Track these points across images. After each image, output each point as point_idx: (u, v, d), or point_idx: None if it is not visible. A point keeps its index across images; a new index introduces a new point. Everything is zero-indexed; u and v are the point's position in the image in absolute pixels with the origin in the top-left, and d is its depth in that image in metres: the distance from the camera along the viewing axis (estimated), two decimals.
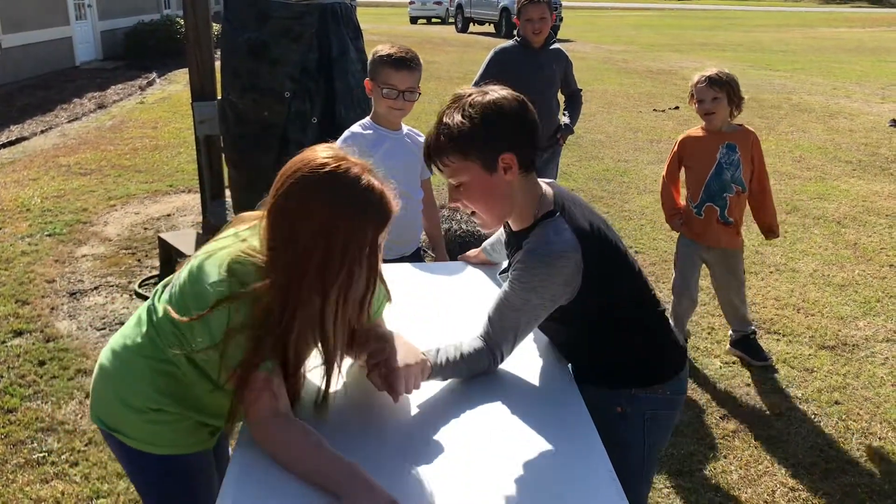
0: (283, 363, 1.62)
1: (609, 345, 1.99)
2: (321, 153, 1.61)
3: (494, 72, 4.44)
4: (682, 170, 4.04)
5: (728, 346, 4.24)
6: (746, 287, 4.86)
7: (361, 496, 1.46)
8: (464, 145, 1.77)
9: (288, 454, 1.58)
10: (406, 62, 2.91)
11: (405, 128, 3.15)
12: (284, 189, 1.58)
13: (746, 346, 4.16)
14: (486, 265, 2.66)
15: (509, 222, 1.95)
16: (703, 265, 4.14)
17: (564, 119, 4.80)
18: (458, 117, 1.77)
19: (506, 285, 1.88)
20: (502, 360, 1.93)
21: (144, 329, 1.79)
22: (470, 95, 1.81)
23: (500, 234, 2.44)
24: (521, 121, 1.80)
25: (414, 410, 1.79)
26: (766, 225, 3.98)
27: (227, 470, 1.57)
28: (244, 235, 1.68)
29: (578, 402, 1.82)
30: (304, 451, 1.56)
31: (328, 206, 1.54)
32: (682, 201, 4.09)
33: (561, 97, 4.87)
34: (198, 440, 1.86)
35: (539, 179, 1.93)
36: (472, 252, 2.71)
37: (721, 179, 3.85)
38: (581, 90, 4.95)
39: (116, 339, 1.87)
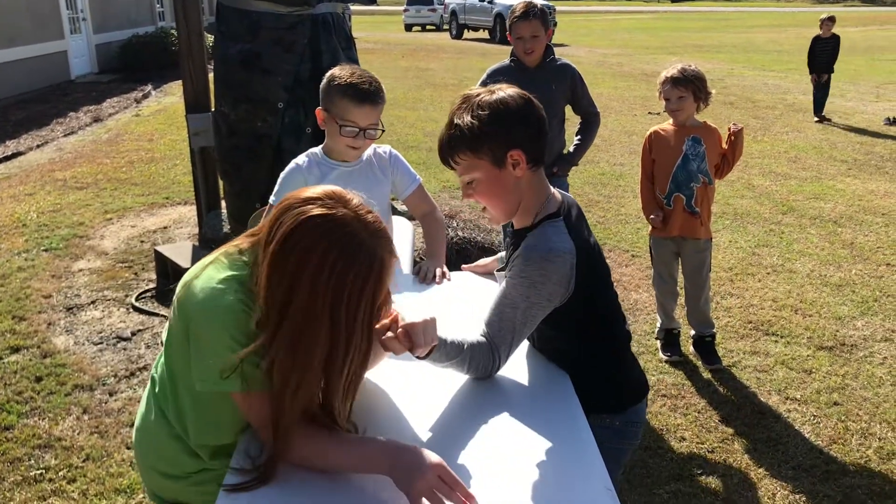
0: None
1: (568, 362, 2.00)
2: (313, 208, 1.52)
3: None
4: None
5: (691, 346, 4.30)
6: (744, 289, 4.85)
7: (410, 462, 1.46)
8: (474, 143, 1.85)
9: (316, 448, 1.56)
10: (370, 95, 2.51)
11: (368, 150, 2.77)
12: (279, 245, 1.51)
13: (702, 349, 4.20)
14: (492, 275, 2.64)
15: (513, 220, 2.00)
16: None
17: (571, 146, 4.32)
18: (467, 117, 1.85)
19: (503, 283, 1.91)
20: (501, 365, 1.93)
21: (152, 401, 1.81)
22: (478, 95, 1.87)
23: None
24: (528, 117, 1.87)
25: (410, 419, 1.78)
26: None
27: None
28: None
29: (580, 416, 1.81)
30: (331, 441, 1.55)
31: (326, 262, 1.48)
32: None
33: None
34: None
35: (553, 189, 1.99)
36: (483, 261, 2.69)
37: (687, 170, 3.93)
38: (597, 112, 4.33)
39: (137, 418, 1.90)
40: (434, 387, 1.90)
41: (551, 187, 1.99)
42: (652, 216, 4.07)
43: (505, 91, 1.88)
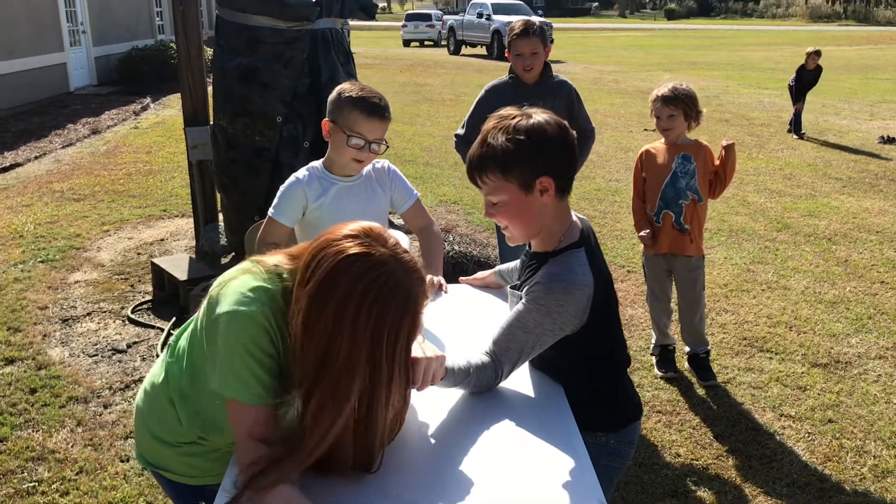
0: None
1: (567, 380, 2.01)
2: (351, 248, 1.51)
3: (485, 110, 4.16)
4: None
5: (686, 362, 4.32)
6: (738, 306, 4.87)
7: None
8: (505, 165, 1.84)
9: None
10: (379, 109, 2.57)
11: (367, 165, 2.77)
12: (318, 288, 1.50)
13: (697, 365, 4.22)
14: (489, 288, 2.65)
15: (530, 241, 2.01)
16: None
17: None
18: (501, 138, 1.83)
19: (519, 305, 1.91)
20: (502, 381, 1.95)
21: (167, 365, 1.83)
22: (514, 117, 1.86)
23: (518, 262, 2.47)
24: (562, 145, 1.86)
25: (403, 433, 1.78)
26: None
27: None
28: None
29: (574, 430, 1.81)
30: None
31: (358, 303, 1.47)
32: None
33: None
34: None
35: (573, 212, 2.00)
36: (481, 274, 2.69)
37: (676, 187, 3.96)
38: (593, 128, 4.36)
39: (147, 379, 1.92)
40: (428, 400, 1.91)
41: (573, 213, 2.00)
42: (642, 234, 4.09)
43: (541, 116, 1.86)
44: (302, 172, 2.72)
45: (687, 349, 4.26)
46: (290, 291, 1.56)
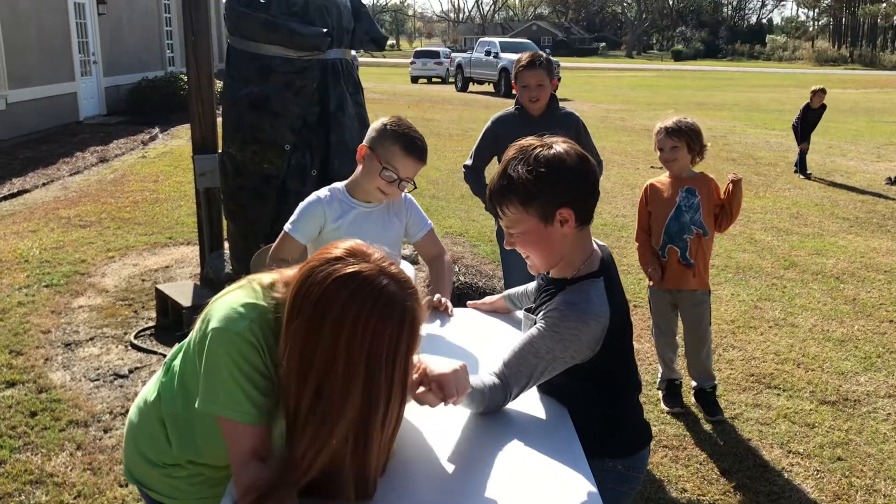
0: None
1: (577, 405, 1.98)
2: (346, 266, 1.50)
3: (490, 141, 4.23)
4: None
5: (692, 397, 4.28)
6: (746, 342, 4.83)
7: None
8: (525, 197, 1.83)
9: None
10: (419, 150, 2.58)
11: None
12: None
13: (703, 400, 4.17)
14: (497, 313, 2.63)
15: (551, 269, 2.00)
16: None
17: None
18: (522, 170, 1.82)
19: (533, 329, 1.89)
20: (509, 403, 1.92)
21: (160, 384, 1.81)
22: (534, 148, 1.84)
23: (528, 286, 2.45)
24: (582, 176, 1.84)
25: (405, 453, 1.75)
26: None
27: None
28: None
29: (579, 454, 1.78)
30: None
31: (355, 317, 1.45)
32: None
33: None
34: (219, 492, 1.81)
35: (595, 241, 2.00)
36: (489, 299, 2.67)
37: (680, 221, 3.94)
38: (601, 160, 4.20)
39: (141, 394, 1.90)
40: (432, 423, 1.88)
41: (594, 241, 1.99)
42: (650, 270, 4.06)
43: (561, 146, 1.85)
44: (323, 192, 2.72)
45: (693, 384, 4.22)
46: (282, 308, 1.53)
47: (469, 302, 2.69)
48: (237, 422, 1.55)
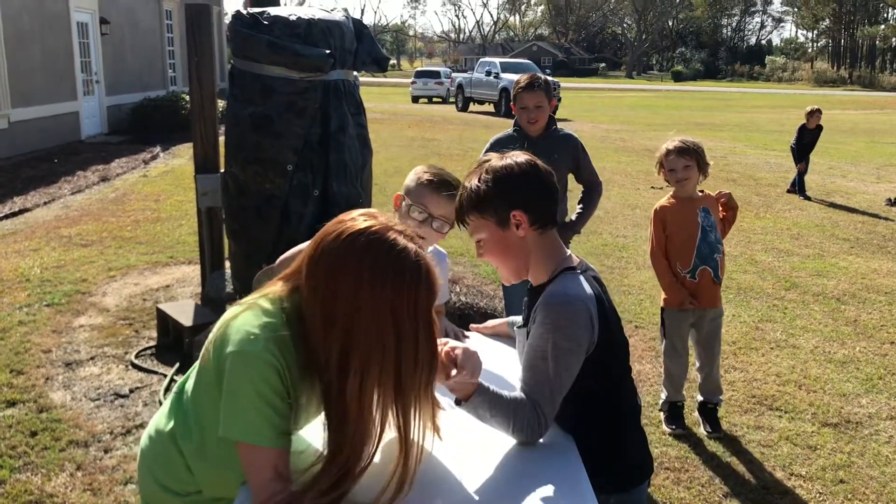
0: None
1: (575, 431, 1.95)
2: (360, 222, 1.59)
3: None
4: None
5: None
6: (747, 363, 4.83)
7: None
8: (479, 205, 1.96)
9: None
10: (446, 185, 2.43)
11: None
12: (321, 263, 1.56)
13: (707, 415, 4.20)
14: (500, 336, 2.63)
15: (530, 279, 2.04)
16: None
17: (573, 214, 4.40)
18: (475, 181, 1.97)
19: (530, 339, 1.91)
20: (547, 423, 1.86)
21: (174, 412, 1.79)
22: (488, 161, 1.99)
23: None
24: (530, 179, 1.95)
25: (419, 482, 1.74)
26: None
27: None
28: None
29: (587, 488, 1.76)
30: None
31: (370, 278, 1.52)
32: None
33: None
34: None
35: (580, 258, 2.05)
36: (491, 323, 2.68)
37: (708, 241, 3.99)
38: (600, 181, 4.45)
39: (152, 424, 1.88)
40: (442, 449, 1.86)
41: (577, 257, 2.04)
42: (688, 301, 4.01)
43: (513, 157, 1.98)
44: None
45: (700, 398, 4.21)
46: (295, 319, 1.58)
47: (472, 325, 2.70)
48: (255, 445, 1.54)
